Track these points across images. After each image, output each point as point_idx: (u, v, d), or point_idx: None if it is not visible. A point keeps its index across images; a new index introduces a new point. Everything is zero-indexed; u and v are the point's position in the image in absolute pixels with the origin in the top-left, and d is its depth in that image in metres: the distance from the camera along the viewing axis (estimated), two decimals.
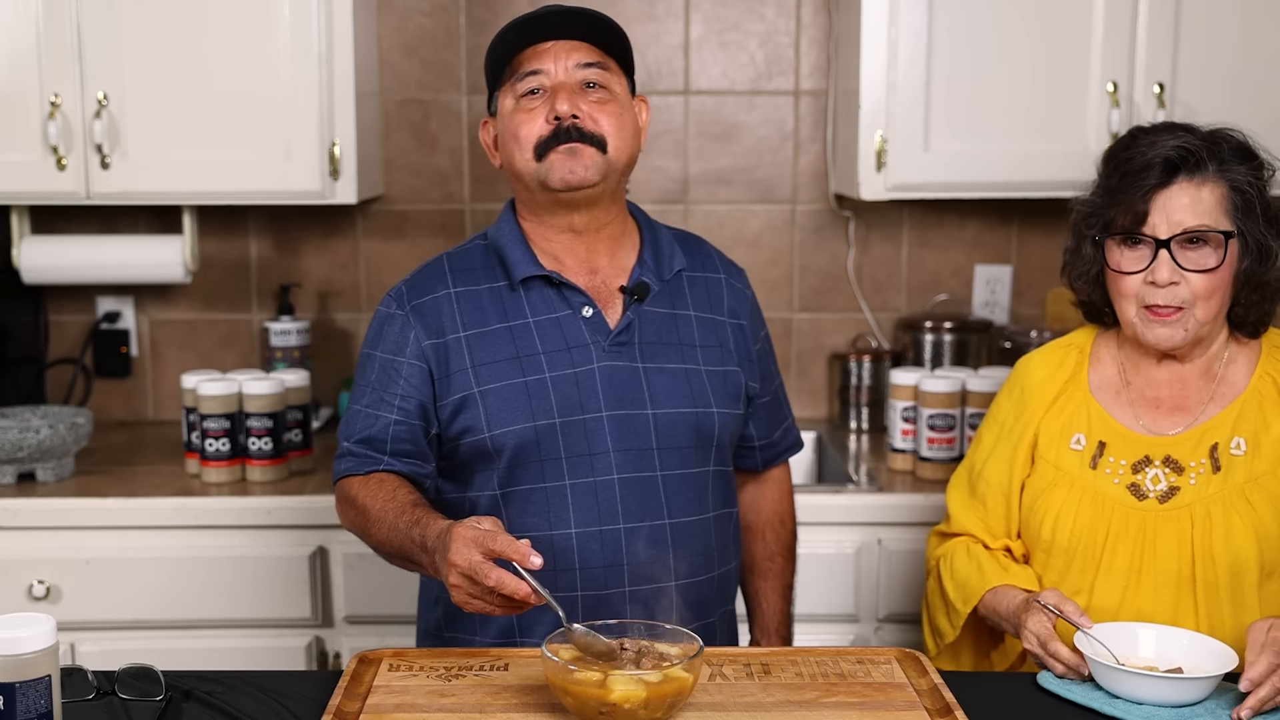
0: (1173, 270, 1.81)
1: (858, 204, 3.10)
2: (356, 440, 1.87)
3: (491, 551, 1.55)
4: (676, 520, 1.86)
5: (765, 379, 2.03)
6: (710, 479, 1.91)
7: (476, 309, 1.87)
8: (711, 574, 1.91)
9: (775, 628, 2.08)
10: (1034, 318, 3.18)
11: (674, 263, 1.93)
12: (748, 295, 2.03)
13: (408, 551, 1.72)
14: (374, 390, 1.87)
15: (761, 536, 2.10)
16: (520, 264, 1.87)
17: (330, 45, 2.74)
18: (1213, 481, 1.85)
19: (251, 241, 3.14)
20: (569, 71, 1.82)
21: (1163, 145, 1.82)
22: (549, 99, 1.82)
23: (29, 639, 1.36)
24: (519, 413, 1.81)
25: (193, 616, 2.58)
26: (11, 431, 2.59)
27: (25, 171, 2.74)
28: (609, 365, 1.84)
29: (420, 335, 1.86)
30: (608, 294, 1.89)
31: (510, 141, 1.85)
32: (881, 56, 2.75)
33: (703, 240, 2.04)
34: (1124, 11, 2.71)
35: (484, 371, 1.83)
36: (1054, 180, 2.77)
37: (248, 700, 1.65)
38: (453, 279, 1.90)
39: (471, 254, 1.93)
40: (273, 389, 2.68)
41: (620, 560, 1.82)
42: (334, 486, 1.91)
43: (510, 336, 1.85)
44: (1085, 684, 1.68)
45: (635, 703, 1.48)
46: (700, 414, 1.87)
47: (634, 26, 3.08)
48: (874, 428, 3.06)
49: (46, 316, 3.16)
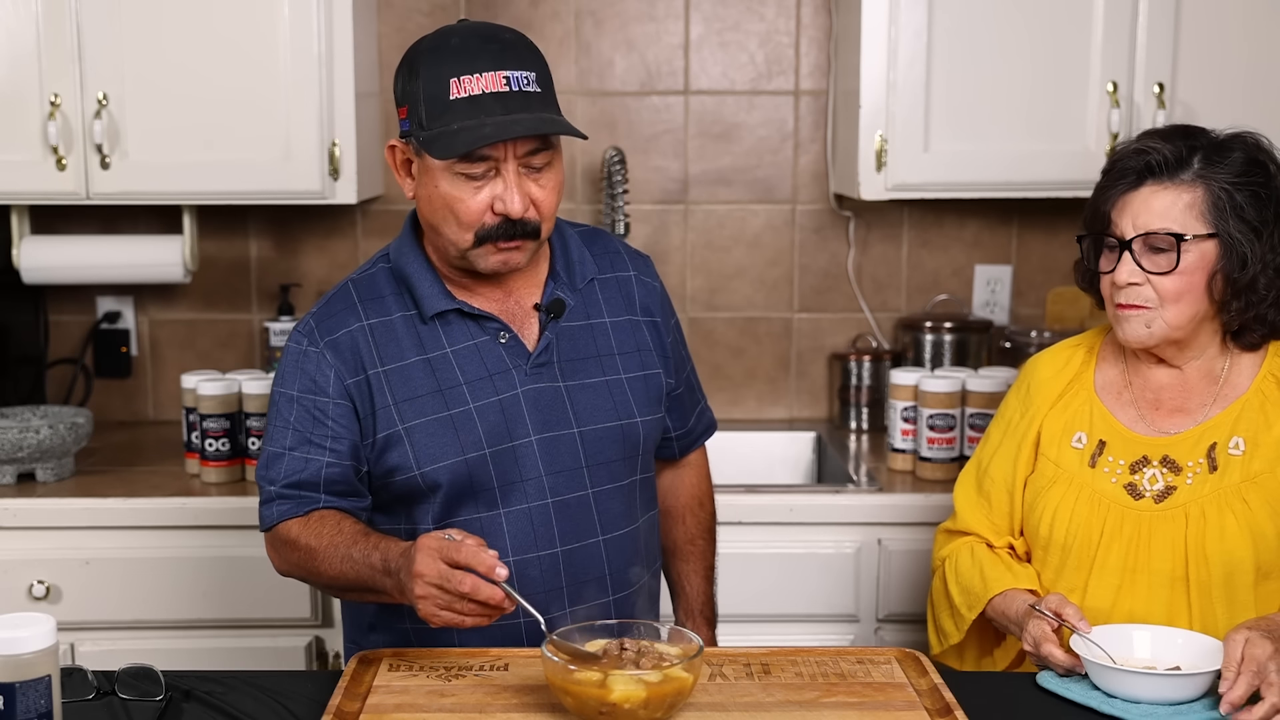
0: (1133, 271, 1.84)
1: (858, 204, 3.10)
2: (286, 484, 1.80)
3: (455, 562, 1.54)
4: (609, 535, 1.86)
5: (678, 369, 2.01)
6: (637, 487, 1.91)
7: (392, 341, 1.82)
8: (642, 581, 1.93)
9: (699, 609, 2.08)
10: (1034, 318, 3.18)
11: (585, 270, 1.90)
12: (656, 287, 1.99)
13: (365, 580, 1.68)
14: (297, 432, 1.80)
15: (681, 520, 2.10)
16: (430, 298, 1.82)
17: (330, 45, 2.74)
18: (1209, 481, 1.85)
19: (251, 241, 3.14)
20: (519, 159, 1.72)
21: (1149, 151, 1.84)
22: (492, 181, 1.72)
23: (29, 639, 1.36)
24: (448, 448, 1.78)
25: (193, 616, 2.58)
26: (11, 431, 2.59)
27: (25, 171, 2.74)
28: (532, 389, 1.82)
29: (341, 373, 1.80)
30: (522, 314, 1.86)
31: (442, 210, 1.75)
32: (881, 56, 2.75)
33: (608, 235, 2.00)
34: (1124, 11, 2.71)
35: (407, 408, 1.79)
36: (1054, 180, 2.78)
37: (248, 700, 1.65)
38: (364, 310, 1.83)
39: (377, 280, 1.86)
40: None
41: (560, 583, 1.82)
42: (265, 533, 1.84)
43: (430, 368, 1.81)
44: (1084, 683, 1.68)
45: (635, 703, 1.48)
46: (625, 425, 1.87)
47: (634, 26, 3.08)
48: (874, 428, 3.06)
49: (46, 316, 3.16)
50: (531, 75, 1.73)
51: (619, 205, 2.96)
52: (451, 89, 1.70)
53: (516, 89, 1.71)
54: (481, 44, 1.72)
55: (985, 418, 2.66)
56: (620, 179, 2.96)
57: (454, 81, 1.70)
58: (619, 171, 2.96)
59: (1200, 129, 1.89)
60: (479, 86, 1.70)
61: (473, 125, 1.68)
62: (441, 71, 1.71)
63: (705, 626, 2.07)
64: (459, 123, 1.69)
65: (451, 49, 1.72)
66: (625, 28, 3.10)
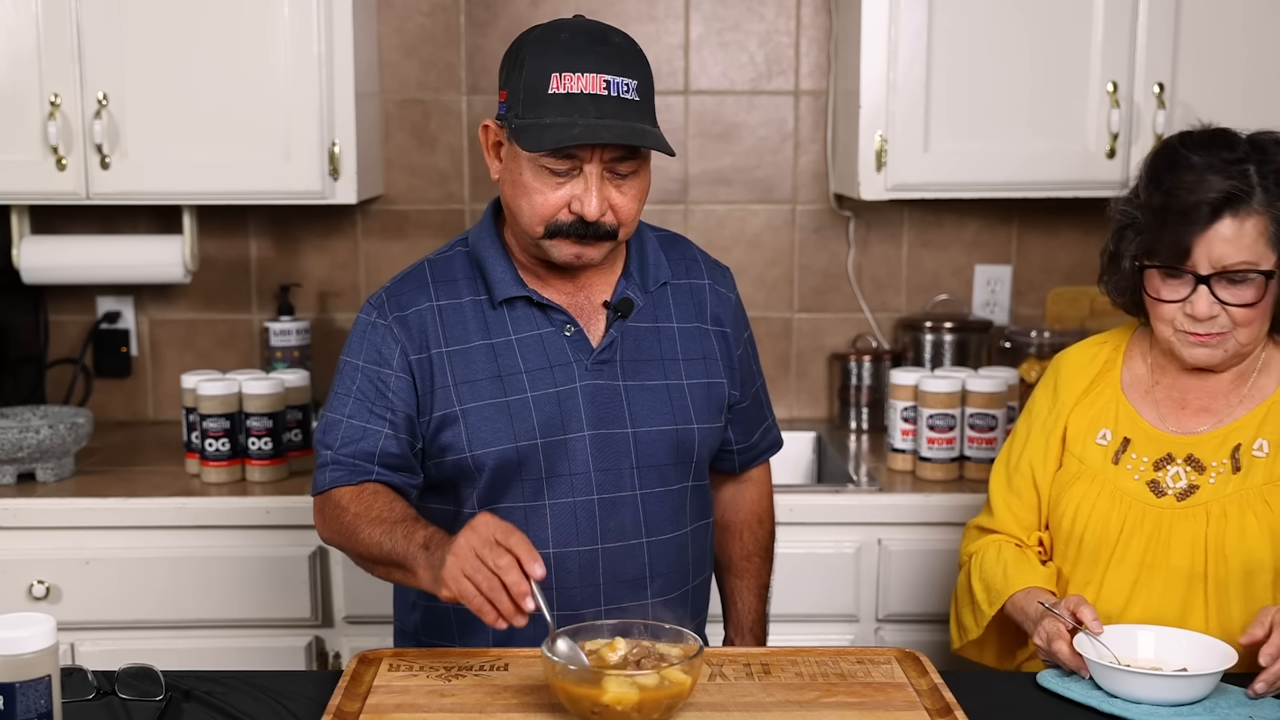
0: (1211, 304, 1.81)
1: (858, 204, 3.10)
2: (344, 451, 1.82)
3: (504, 543, 1.55)
4: (653, 539, 1.86)
5: (746, 383, 2.01)
6: (688, 494, 1.91)
7: (459, 323, 1.84)
8: (686, 588, 1.92)
9: (750, 627, 2.07)
10: (1034, 318, 3.18)
11: (659, 273, 1.91)
12: (731, 299, 1.99)
13: (400, 553, 1.69)
14: (358, 401, 1.83)
15: (739, 536, 2.09)
16: (501, 283, 1.84)
17: (330, 45, 2.74)
18: (1231, 481, 1.85)
19: (251, 241, 3.14)
20: (604, 163, 1.73)
21: (1212, 183, 1.79)
22: (574, 181, 1.73)
23: (29, 639, 1.36)
24: (501, 433, 1.80)
25: (193, 616, 2.58)
26: (11, 431, 2.59)
27: (25, 171, 2.74)
28: (591, 384, 1.83)
29: (406, 348, 1.83)
30: (590, 310, 1.87)
31: (520, 196, 1.77)
32: (881, 56, 2.75)
33: (688, 243, 2.00)
34: (1124, 11, 2.71)
35: (466, 390, 1.81)
36: (1054, 180, 2.78)
37: (248, 700, 1.65)
38: (435, 290, 1.86)
39: (453, 263, 1.89)
40: (272, 389, 2.69)
41: (597, 580, 1.82)
42: (317, 496, 1.85)
43: (492, 353, 1.82)
44: (1085, 683, 1.68)
45: (628, 705, 1.48)
46: (680, 430, 1.86)
47: (634, 26, 3.08)
48: (874, 428, 3.06)
49: (46, 316, 3.16)
50: (633, 84, 1.73)
51: None
52: (551, 83, 1.71)
53: (615, 94, 1.71)
54: (589, 43, 1.73)
55: (985, 417, 2.66)
56: None
57: (555, 76, 1.71)
58: None
59: (1232, 135, 1.85)
60: (578, 85, 1.71)
61: (564, 123, 1.70)
62: (544, 63, 1.72)
63: (754, 644, 2.06)
64: (551, 118, 1.70)
65: (559, 43, 1.73)
66: (625, 28, 3.03)
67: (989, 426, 2.66)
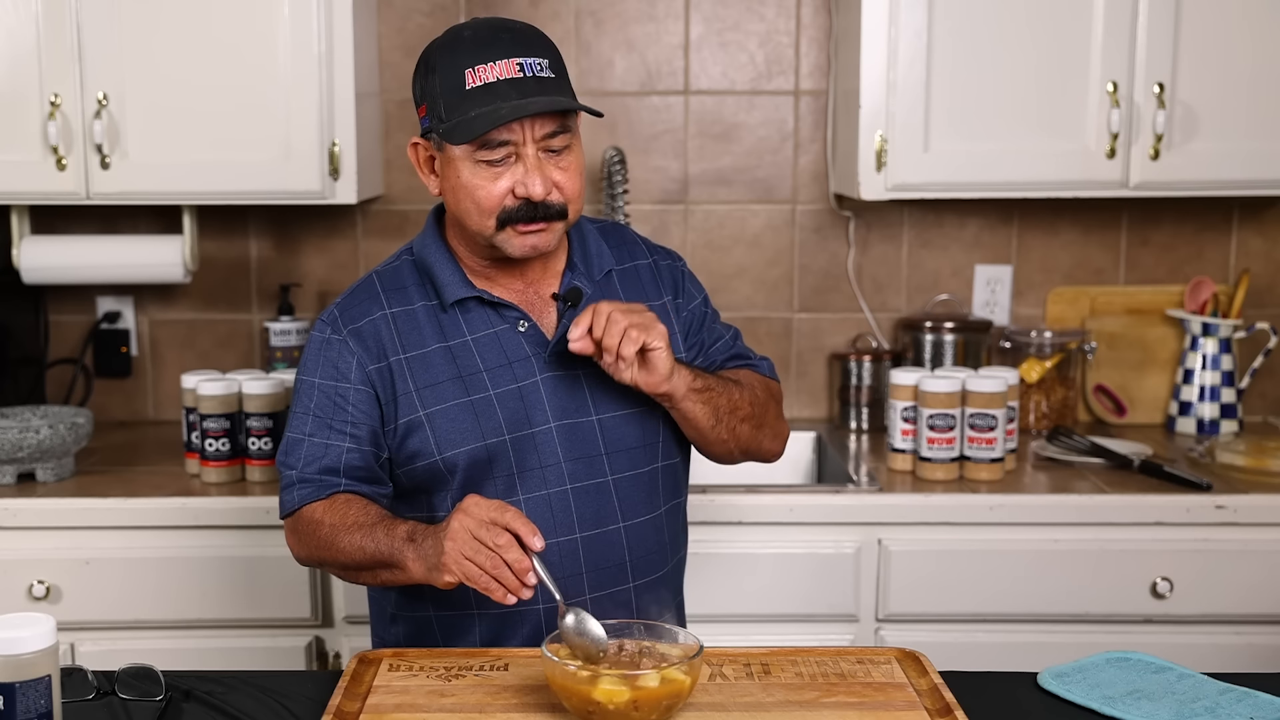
0: None
1: (858, 204, 3.10)
2: (309, 469, 1.82)
3: (499, 521, 1.57)
4: (629, 522, 1.87)
5: (709, 341, 1.97)
6: (659, 475, 1.91)
7: (414, 329, 1.85)
8: (665, 569, 1.93)
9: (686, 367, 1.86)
10: (1034, 318, 3.18)
11: (603, 262, 1.93)
12: (676, 267, 1.99)
13: (385, 552, 1.69)
14: (317, 418, 1.83)
15: None
16: (450, 285, 1.85)
17: (330, 45, 2.74)
18: None
19: (251, 241, 3.14)
20: (537, 142, 1.75)
21: None
22: (512, 167, 1.76)
23: (29, 639, 1.36)
24: (468, 433, 1.81)
25: (193, 616, 2.58)
26: (11, 431, 2.59)
27: (25, 171, 2.74)
28: (551, 376, 1.84)
29: (364, 360, 1.83)
30: (541, 304, 1.88)
31: (464, 199, 1.78)
32: (881, 56, 2.75)
33: (627, 229, 2.02)
34: (1124, 11, 2.71)
35: (428, 393, 1.82)
36: (1054, 180, 2.78)
37: (248, 700, 1.65)
38: (387, 299, 1.87)
39: (401, 271, 1.90)
40: (273, 389, 2.69)
41: (579, 569, 1.83)
42: (287, 518, 1.85)
43: (450, 355, 1.83)
44: (1085, 683, 1.68)
45: (620, 703, 1.48)
46: (644, 412, 1.87)
47: (634, 26, 3.08)
48: (874, 428, 3.06)
49: (46, 316, 3.16)
50: (544, 61, 1.76)
51: (619, 205, 2.96)
52: (467, 79, 1.74)
53: (530, 74, 1.74)
54: (493, 35, 1.77)
55: (986, 418, 2.66)
56: (620, 179, 2.96)
57: (469, 72, 1.74)
58: (619, 171, 2.96)
59: None
60: (493, 74, 1.73)
61: (489, 110, 1.72)
62: (456, 63, 1.75)
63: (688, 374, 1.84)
64: (476, 110, 1.73)
65: (464, 41, 1.77)
66: (625, 28, 3.10)
67: (989, 426, 2.66)
